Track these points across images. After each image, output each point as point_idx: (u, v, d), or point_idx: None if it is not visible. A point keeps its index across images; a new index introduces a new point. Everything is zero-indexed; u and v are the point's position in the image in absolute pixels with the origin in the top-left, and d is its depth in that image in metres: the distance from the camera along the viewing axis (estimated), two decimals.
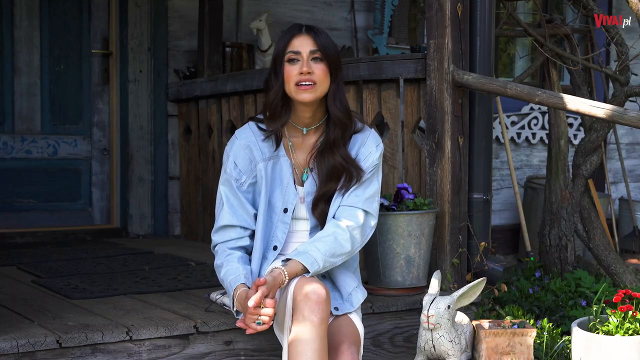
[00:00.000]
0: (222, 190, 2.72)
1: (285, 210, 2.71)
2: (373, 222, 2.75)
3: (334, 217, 2.69)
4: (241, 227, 2.68)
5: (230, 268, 2.59)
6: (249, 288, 2.47)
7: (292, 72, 2.62)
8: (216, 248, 2.72)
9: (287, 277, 2.48)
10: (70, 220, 5.07)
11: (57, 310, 2.91)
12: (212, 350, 2.77)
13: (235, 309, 2.57)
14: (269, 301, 2.38)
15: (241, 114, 4.57)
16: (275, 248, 2.70)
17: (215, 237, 2.72)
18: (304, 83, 2.62)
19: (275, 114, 2.69)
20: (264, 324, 2.39)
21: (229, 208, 2.69)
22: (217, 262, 2.69)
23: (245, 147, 2.70)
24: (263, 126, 2.73)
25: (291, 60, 2.64)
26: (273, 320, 2.43)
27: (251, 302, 2.36)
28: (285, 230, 2.71)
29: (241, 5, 5.46)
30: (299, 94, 2.63)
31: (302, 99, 2.63)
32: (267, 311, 2.38)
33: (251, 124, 2.76)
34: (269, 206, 2.71)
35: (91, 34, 5.10)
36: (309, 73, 2.61)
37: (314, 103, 2.67)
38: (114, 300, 3.10)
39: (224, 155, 2.75)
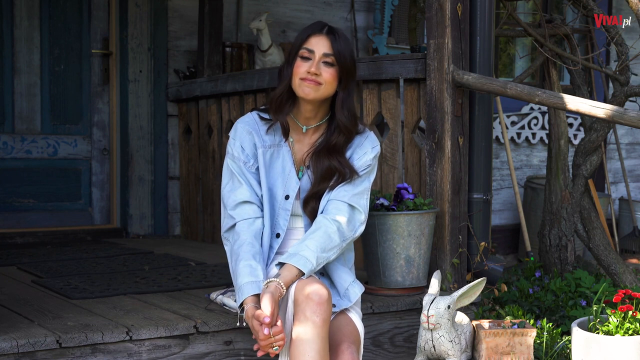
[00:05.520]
0: (234, 168, 2.71)
1: (287, 197, 2.72)
2: (362, 217, 2.73)
3: (322, 213, 2.69)
4: (257, 205, 2.69)
5: (245, 265, 2.54)
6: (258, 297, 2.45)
7: (301, 68, 2.66)
8: (236, 227, 2.66)
9: (284, 288, 2.47)
10: (70, 220, 5.08)
11: (57, 310, 2.91)
12: (212, 350, 2.77)
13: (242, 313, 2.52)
14: (279, 325, 2.38)
15: (241, 114, 4.56)
16: (278, 236, 2.71)
17: (234, 214, 2.67)
18: (308, 79, 2.65)
19: (280, 105, 2.72)
20: (279, 347, 2.40)
21: (246, 184, 2.68)
22: (234, 245, 2.61)
23: (248, 133, 2.75)
24: (265, 115, 2.77)
25: (304, 57, 2.67)
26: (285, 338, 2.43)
27: (266, 331, 2.35)
28: (286, 218, 2.72)
29: (241, 5, 5.46)
30: (301, 88, 2.66)
31: (303, 93, 2.66)
32: (281, 336, 2.38)
33: (253, 113, 2.81)
34: (270, 194, 2.73)
35: (91, 34, 5.10)
36: (315, 74, 2.64)
37: (316, 102, 2.70)
38: (114, 300, 3.09)
39: (229, 140, 2.77)
